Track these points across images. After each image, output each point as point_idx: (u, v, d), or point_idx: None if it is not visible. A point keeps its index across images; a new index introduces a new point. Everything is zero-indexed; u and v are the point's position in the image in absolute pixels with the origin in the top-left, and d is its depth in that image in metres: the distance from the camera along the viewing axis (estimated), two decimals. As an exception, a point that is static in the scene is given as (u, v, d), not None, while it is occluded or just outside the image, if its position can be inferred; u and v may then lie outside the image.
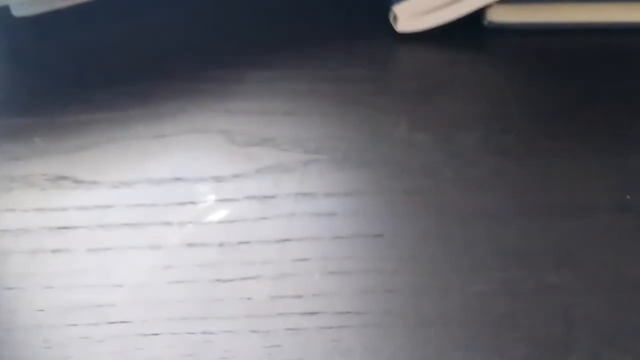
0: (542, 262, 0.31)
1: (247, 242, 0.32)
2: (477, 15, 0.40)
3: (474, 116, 0.36)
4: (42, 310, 0.31)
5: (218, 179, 0.35)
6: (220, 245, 0.32)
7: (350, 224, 0.33)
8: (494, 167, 0.34)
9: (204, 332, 0.30)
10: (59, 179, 0.35)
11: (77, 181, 0.35)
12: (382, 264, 0.31)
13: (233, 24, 0.42)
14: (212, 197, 0.34)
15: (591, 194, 0.33)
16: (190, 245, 0.32)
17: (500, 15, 0.40)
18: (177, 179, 0.35)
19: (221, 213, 0.33)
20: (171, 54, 0.41)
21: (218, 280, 0.31)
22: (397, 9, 0.40)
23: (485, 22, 0.40)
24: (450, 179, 0.34)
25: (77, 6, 0.42)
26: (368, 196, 0.34)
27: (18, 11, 0.41)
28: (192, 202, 0.34)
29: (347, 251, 0.32)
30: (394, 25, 0.40)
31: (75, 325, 0.30)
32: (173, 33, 0.42)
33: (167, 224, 0.33)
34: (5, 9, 0.41)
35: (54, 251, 0.32)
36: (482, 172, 0.34)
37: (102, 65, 0.40)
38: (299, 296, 0.30)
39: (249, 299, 0.30)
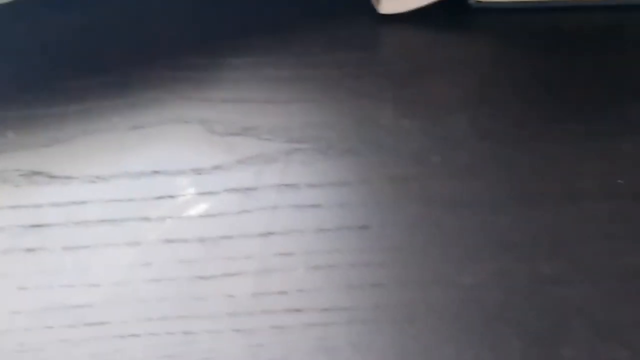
0: (534, 252, 0.30)
1: (229, 237, 0.31)
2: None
3: (462, 99, 0.35)
4: (16, 312, 0.29)
5: (198, 171, 0.33)
6: (201, 240, 0.31)
7: (335, 215, 0.31)
8: (483, 152, 0.33)
9: (185, 332, 0.29)
10: (32, 174, 0.34)
11: (52, 176, 0.34)
12: (368, 257, 0.30)
13: (210, 9, 0.41)
14: (191, 191, 0.33)
15: (583, 179, 0.32)
16: (169, 241, 0.31)
17: (488, -6, 0.39)
18: (156, 172, 0.33)
19: (201, 207, 0.32)
20: (146, 41, 0.39)
21: (199, 277, 0.30)
22: (380, -10, 0.38)
23: (471, 2, 0.39)
24: (439, 166, 0.33)
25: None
26: (353, 186, 0.32)
27: (-13, 0, 0.40)
28: (171, 196, 0.33)
29: (332, 244, 0.31)
30: (376, 7, 0.39)
31: (51, 327, 0.29)
32: (147, 18, 0.40)
33: (146, 219, 0.32)
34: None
35: (29, 250, 0.31)
36: (472, 158, 0.33)
37: (75, 54, 0.39)
38: (283, 292, 0.29)
39: (232, 296, 0.29)
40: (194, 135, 0.35)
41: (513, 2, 0.39)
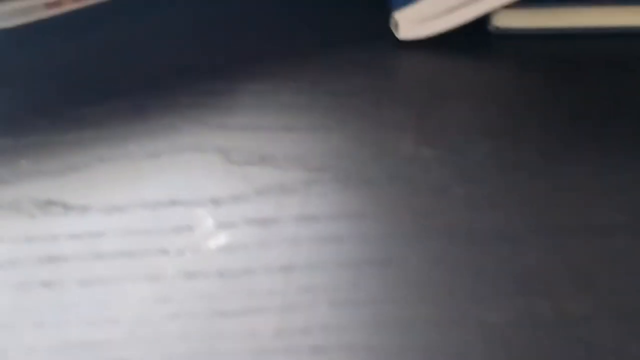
0: (561, 289, 0.29)
1: (249, 271, 0.30)
2: (482, 21, 0.38)
3: (484, 129, 0.35)
4: (33, 349, 0.29)
5: (216, 202, 0.33)
6: (221, 274, 0.30)
7: (357, 249, 0.31)
8: (506, 184, 0.33)
9: (206, 370, 0.28)
10: (47, 204, 0.33)
11: (67, 206, 0.33)
12: (392, 293, 0.29)
13: (226, 33, 0.40)
14: (210, 222, 0.32)
15: (610, 212, 0.31)
16: (189, 275, 0.30)
17: (507, 21, 0.38)
18: (173, 202, 0.33)
19: (220, 239, 0.32)
20: (161, 66, 0.39)
21: (220, 313, 0.29)
22: (398, 15, 0.38)
23: (491, 28, 0.38)
24: (461, 198, 0.32)
25: (60, 17, 0.40)
26: (374, 218, 0.32)
27: (-1, 23, 0.39)
28: (190, 228, 0.32)
29: (355, 279, 0.30)
30: (395, 32, 0.38)
31: (69, 364, 0.28)
32: (161, 44, 0.40)
33: (164, 252, 0.31)
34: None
35: (45, 284, 0.31)
36: (494, 190, 0.32)
37: (87, 79, 0.39)
38: (307, 330, 0.29)
39: (254, 333, 0.29)
40: (210, 163, 0.35)
41: (534, 28, 0.38)
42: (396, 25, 0.38)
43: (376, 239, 0.31)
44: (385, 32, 0.39)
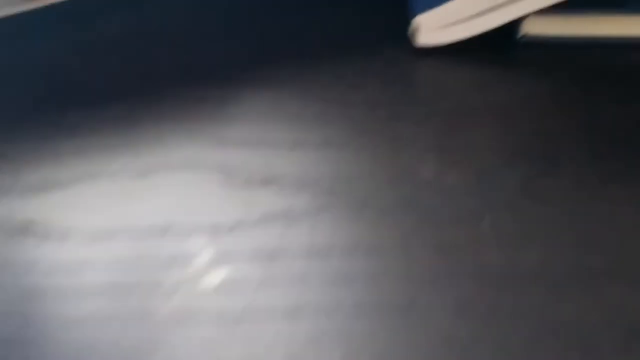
0: (603, 344, 0.26)
1: (252, 313, 0.27)
2: (508, 27, 0.35)
3: (514, 151, 0.31)
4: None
5: (214, 229, 0.29)
6: (219, 317, 0.27)
7: (372, 290, 0.27)
8: (539, 217, 0.29)
9: None
10: (26, 224, 0.30)
11: (48, 228, 0.30)
12: (413, 343, 0.26)
13: (229, 36, 0.36)
14: (208, 253, 0.29)
15: (658, 255, 0.28)
16: (183, 316, 0.27)
17: (538, 28, 0.35)
18: (166, 229, 0.29)
19: (219, 273, 0.28)
20: (157, 70, 0.35)
21: (218, 363, 0.26)
22: (421, 19, 0.34)
23: (519, 36, 0.35)
24: (489, 232, 0.29)
25: (44, 12, 0.36)
26: (393, 253, 0.28)
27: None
28: (185, 259, 0.29)
29: (371, 325, 0.27)
30: (414, 37, 0.35)
31: (46, 418, 0.25)
32: (158, 44, 0.36)
33: (156, 286, 0.28)
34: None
35: (19, 321, 0.27)
36: (527, 224, 0.29)
37: (75, 82, 0.35)
38: (317, 386, 0.25)
39: (256, 388, 0.25)
40: (208, 185, 0.31)
41: (566, 37, 0.35)
42: (416, 30, 0.35)
43: (394, 279, 0.28)
44: (402, 38, 0.35)
